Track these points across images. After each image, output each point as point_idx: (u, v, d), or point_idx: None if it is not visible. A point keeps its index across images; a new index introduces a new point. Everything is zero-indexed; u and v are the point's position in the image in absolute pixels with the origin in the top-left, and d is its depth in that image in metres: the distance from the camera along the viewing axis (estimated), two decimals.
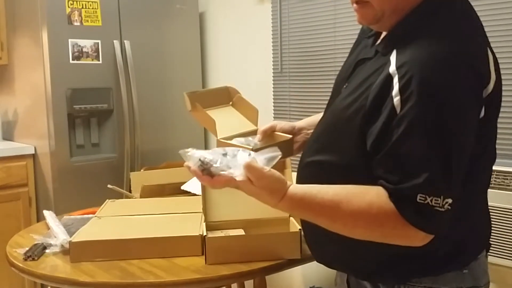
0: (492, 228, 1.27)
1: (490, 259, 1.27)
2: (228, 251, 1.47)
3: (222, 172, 1.11)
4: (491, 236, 1.26)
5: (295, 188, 1.11)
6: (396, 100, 1.01)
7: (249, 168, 1.07)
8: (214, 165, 1.12)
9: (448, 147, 1.00)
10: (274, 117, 3.17)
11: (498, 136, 1.19)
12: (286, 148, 1.45)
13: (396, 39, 1.09)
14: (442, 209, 1.00)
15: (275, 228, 1.61)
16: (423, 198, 0.99)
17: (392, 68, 1.04)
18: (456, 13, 1.10)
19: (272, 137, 1.48)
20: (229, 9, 3.45)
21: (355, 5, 1.15)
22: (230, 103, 1.63)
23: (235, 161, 1.12)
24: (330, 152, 1.16)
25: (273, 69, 3.16)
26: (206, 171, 1.13)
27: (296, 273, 2.98)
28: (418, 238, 1.03)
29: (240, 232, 1.59)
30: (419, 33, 1.06)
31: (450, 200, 1.00)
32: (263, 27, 3.18)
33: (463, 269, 1.16)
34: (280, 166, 1.45)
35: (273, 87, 3.17)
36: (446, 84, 1.00)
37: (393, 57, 1.06)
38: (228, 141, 1.44)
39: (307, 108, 2.97)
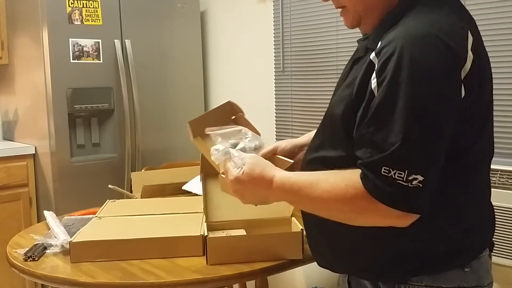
0: (496, 227, 1.26)
1: (494, 259, 1.26)
2: (230, 252, 1.47)
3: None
4: (495, 236, 1.25)
5: (283, 172, 1.17)
6: (374, 82, 1.03)
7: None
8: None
9: (421, 124, 0.99)
10: (276, 117, 3.16)
11: (502, 135, 1.18)
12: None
13: (380, 33, 1.11)
14: (408, 185, 0.98)
15: (276, 228, 1.60)
16: (386, 171, 0.99)
17: (373, 54, 1.06)
18: (435, 1, 1.11)
19: (273, 161, 1.41)
20: (230, 8, 3.44)
21: (340, 12, 1.23)
22: (232, 117, 1.58)
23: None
24: (330, 147, 1.17)
25: (274, 68, 3.15)
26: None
27: (298, 274, 2.97)
28: (392, 216, 1.02)
29: (242, 232, 1.58)
30: (398, 24, 1.08)
31: (419, 177, 0.98)
32: (265, 26, 3.18)
33: (465, 268, 1.15)
34: None
35: (275, 86, 3.16)
36: (420, 62, 1.00)
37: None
38: None
39: (309, 107, 2.96)
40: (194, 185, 2.16)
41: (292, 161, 1.40)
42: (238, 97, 3.36)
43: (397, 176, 0.98)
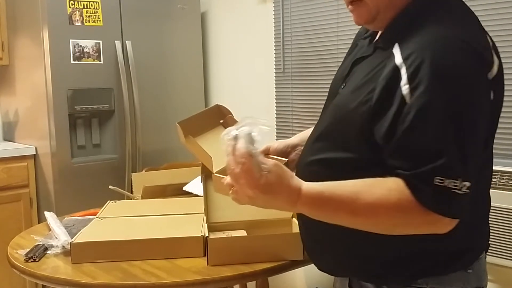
0: (496, 228, 1.26)
1: (493, 259, 1.26)
2: (230, 252, 1.46)
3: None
4: (494, 237, 1.26)
5: (310, 184, 1.05)
6: (405, 88, 1.00)
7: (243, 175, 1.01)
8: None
9: (462, 129, 0.99)
10: (276, 118, 3.16)
11: (502, 136, 1.18)
12: None
13: (395, 33, 1.10)
14: (461, 192, 0.98)
15: (277, 229, 1.60)
16: (440, 181, 0.97)
17: (399, 60, 1.04)
18: (451, 2, 1.12)
19: None
20: (231, 9, 3.44)
21: (350, 6, 1.18)
22: (221, 121, 1.54)
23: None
24: (337, 150, 1.14)
25: (275, 69, 3.15)
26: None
27: (299, 275, 2.97)
28: (441, 224, 1.01)
29: (242, 233, 1.58)
30: (419, 24, 1.07)
31: (467, 184, 0.98)
32: (265, 27, 3.18)
33: (468, 269, 1.15)
34: None
35: (275, 87, 3.16)
36: (455, 68, 1.00)
37: (396, 50, 1.06)
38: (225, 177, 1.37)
39: (309, 108, 2.96)
40: (195, 186, 2.16)
41: (286, 159, 1.40)
42: (238, 98, 3.38)
43: (453, 185, 0.97)
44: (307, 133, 1.48)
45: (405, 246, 1.07)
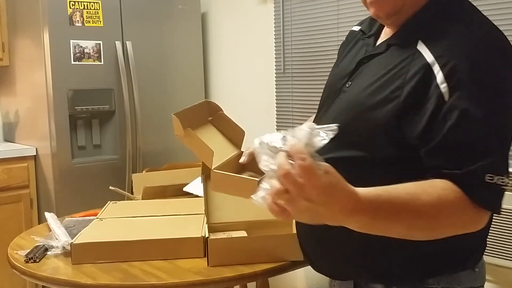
0: (495, 229, 1.27)
1: (493, 260, 1.27)
2: (231, 253, 1.46)
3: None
4: (494, 237, 1.27)
5: (363, 188, 0.90)
6: (443, 87, 1.01)
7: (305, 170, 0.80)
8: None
9: (503, 127, 1.01)
10: (276, 118, 3.16)
11: None
12: None
13: (416, 31, 1.10)
14: (505, 188, 1.00)
15: (277, 229, 1.60)
16: (490, 178, 0.98)
17: (430, 58, 1.04)
18: (470, 4, 1.14)
19: None
20: (231, 10, 3.44)
21: None
22: (209, 118, 1.47)
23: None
24: (349, 148, 1.12)
25: (275, 69, 3.15)
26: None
27: (299, 275, 2.97)
28: (482, 221, 1.02)
29: (243, 233, 1.58)
30: (442, 22, 1.08)
31: (508, 180, 1.00)
32: (266, 28, 3.18)
33: (475, 268, 1.16)
34: None
35: (276, 88, 3.16)
36: (491, 67, 1.02)
37: (422, 48, 1.06)
38: (224, 172, 1.29)
39: (309, 109, 2.96)
40: (195, 186, 2.16)
41: None
42: (239, 99, 3.38)
43: (501, 182, 0.98)
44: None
45: (418, 246, 1.07)
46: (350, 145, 1.12)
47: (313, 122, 1.32)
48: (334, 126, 0.86)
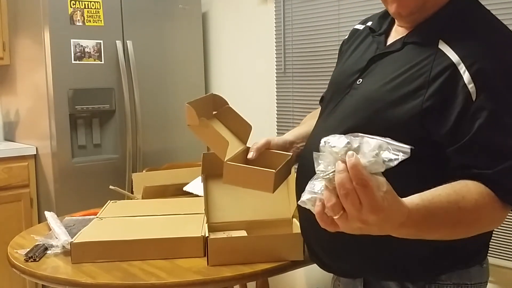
0: (496, 229, 1.28)
1: (494, 260, 1.28)
2: (231, 253, 1.46)
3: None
4: (494, 237, 1.28)
5: (409, 199, 0.92)
6: (471, 87, 1.02)
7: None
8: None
9: None
10: (277, 118, 3.16)
11: None
12: (287, 167, 1.37)
13: (437, 29, 1.11)
14: None
15: (277, 229, 1.60)
16: None
17: (455, 58, 1.05)
18: (485, 8, 1.16)
19: (268, 155, 1.36)
20: (232, 9, 3.44)
21: None
22: (214, 112, 1.45)
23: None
24: None
25: (276, 69, 3.15)
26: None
27: (299, 275, 2.97)
28: (505, 217, 1.05)
29: (243, 233, 1.58)
30: (463, 22, 1.09)
31: None
32: (266, 27, 3.18)
33: (483, 264, 1.19)
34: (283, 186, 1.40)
35: (276, 88, 3.16)
36: None
37: (444, 47, 1.07)
38: (239, 164, 1.26)
39: (310, 109, 2.95)
40: (195, 186, 2.16)
41: (291, 153, 1.38)
42: (239, 98, 3.38)
43: None
44: (300, 130, 1.47)
45: (432, 243, 1.07)
46: None
47: (319, 118, 1.31)
48: (407, 147, 0.84)
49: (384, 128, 1.08)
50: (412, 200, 0.92)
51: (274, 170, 1.24)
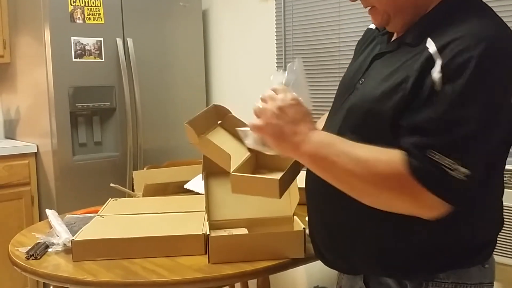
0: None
1: (497, 258, 1.27)
2: (232, 250, 1.46)
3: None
4: (500, 236, 1.27)
5: (317, 130, 1.12)
6: (438, 76, 1.01)
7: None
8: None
9: (478, 120, 0.99)
10: None
11: None
12: (295, 168, 1.37)
13: (427, 29, 1.10)
14: (453, 173, 0.98)
15: (278, 227, 1.60)
16: (433, 155, 0.98)
17: (433, 49, 1.04)
18: (481, 3, 1.14)
19: (275, 157, 1.36)
20: (232, 7, 3.44)
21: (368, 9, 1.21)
22: (219, 122, 1.49)
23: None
24: (372, 143, 1.11)
25: (276, 67, 3.15)
26: None
27: (300, 273, 2.97)
28: (425, 203, 1.01)
29: (244, 231, 1.58)
30: (452, 20, 1.08)
31: (467, 172, 0.98)
32: (267, 25, 3.17)
33: (485, 264, 1.16)
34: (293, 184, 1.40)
35: None
36: (493, 59, 1.01)
37: (429, 43, 1.07)
38: (244, 174, 1.31)
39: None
40: (196, 183, 2.16)
41: None
42: (239, 96, 3.37)
43: (445, 163, 0.98)
44: None
45: (430, 240, 1.07)
46: (364, 141, 1.11)
47: (327, 119, 1.33)
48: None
49: (375, 128, 1.10)
50: (320, 132, 1.12)
51: (277, 178, 1.25)
